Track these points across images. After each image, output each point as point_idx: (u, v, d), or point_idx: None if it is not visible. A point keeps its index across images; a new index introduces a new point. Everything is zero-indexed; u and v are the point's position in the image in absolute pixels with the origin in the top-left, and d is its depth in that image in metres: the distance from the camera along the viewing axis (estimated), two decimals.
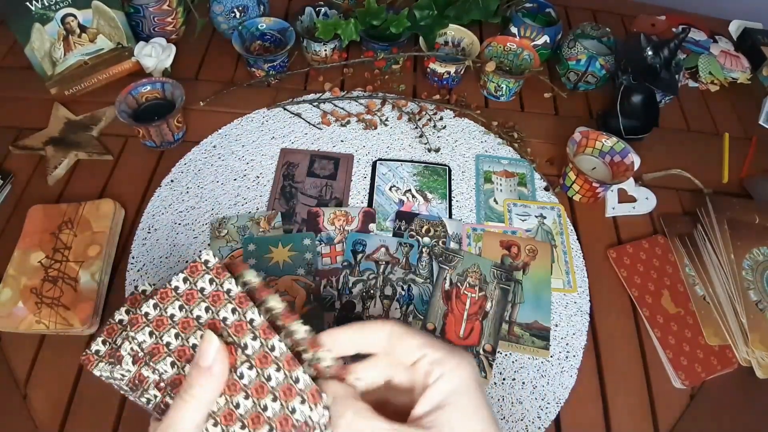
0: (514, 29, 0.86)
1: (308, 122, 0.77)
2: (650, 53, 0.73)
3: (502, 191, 0.72)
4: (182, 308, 0.37)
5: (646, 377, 0.59)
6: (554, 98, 0.85)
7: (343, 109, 0.79)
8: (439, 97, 0.81)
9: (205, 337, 0.35)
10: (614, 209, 0.71)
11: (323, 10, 0.85)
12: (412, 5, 0.84)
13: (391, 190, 0.70)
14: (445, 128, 0.78)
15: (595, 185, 0.68)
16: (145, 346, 0.36)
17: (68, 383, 0.53)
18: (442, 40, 0.86)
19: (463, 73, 0.83)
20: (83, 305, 0.55)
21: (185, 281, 0.38)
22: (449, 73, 0.81)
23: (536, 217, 0.69)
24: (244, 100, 0.79)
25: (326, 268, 0.62)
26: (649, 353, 0.60)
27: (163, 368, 0.36)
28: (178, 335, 0.36)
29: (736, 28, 1.01)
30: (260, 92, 0.80)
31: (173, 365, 0.36)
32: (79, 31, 0.72)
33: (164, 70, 0.79)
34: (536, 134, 0.79)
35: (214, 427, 0.34)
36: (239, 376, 0.35)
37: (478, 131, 0.78)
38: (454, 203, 0.70)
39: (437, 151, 0.75)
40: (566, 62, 0.83)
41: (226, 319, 0.36)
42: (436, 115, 0.80)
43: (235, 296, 0.37)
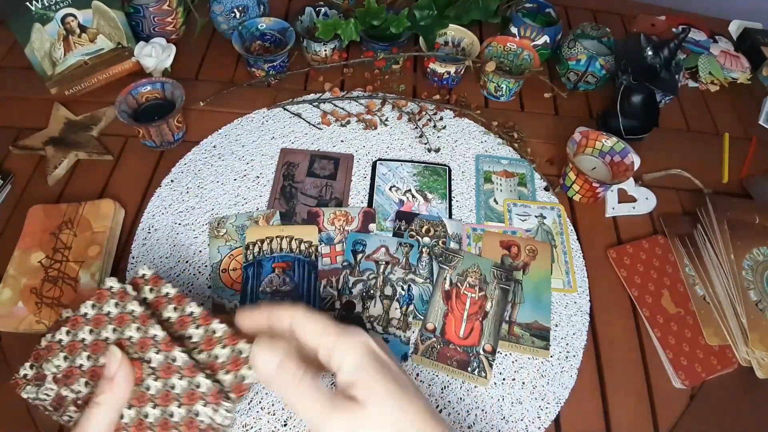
0: (514, 29, 0.86)
1: (308, 122, 0.77)
2: (650, 53, 0.73)
3: (502, 191, 0.72)
4: (92, 332, 0.41)
5: (646, 377, 0.59)
6: (554, 98, 0.85)
7: (343, 109, 0.79)
8: (439, 97, 0.81)
9: (108, 351, 0.39)
10: (614, 209, 0.71)
11: (323, 10, 0.85)
12: (412, 5, 0.84)
13: (391, 190, 0.70)
14: (445, 128, 0.78)
15: (595, 185, 0.68)
16: (61, 369, 0.40)
17: None
18: (442, 40, 0.86)
19: (463, 73, 0.83)
20: None
21: (93, 307, 0.42)
22: (449, 73, 0.81)
23: (536, 217, 0.69)
24: (244, 100, 0.79)
25: (326, 268, 0.62)
26: (649, 353, 0.60)
27: (77, 388, 0.39)
28: (89, 357, 0.40)
29: (736, 28, 1.01)
30: (260, 92, 0.80)
31: (86, 384, 0.39)
32: (79, 31, 0.72)
33: (164, 70, 0.79)
34: (536, 134, 0.79)
35: None
36: (146, 387, 0.39)
37: (478, 131, 0.78)
38: (454, 203, 0.70)
39: (437, 151, 0.75)
40: (566, 62, 0.83)
41: (131, 337, 0.40)
42: (436, 115, 0.80)
43: (138, 315, 0.41)
